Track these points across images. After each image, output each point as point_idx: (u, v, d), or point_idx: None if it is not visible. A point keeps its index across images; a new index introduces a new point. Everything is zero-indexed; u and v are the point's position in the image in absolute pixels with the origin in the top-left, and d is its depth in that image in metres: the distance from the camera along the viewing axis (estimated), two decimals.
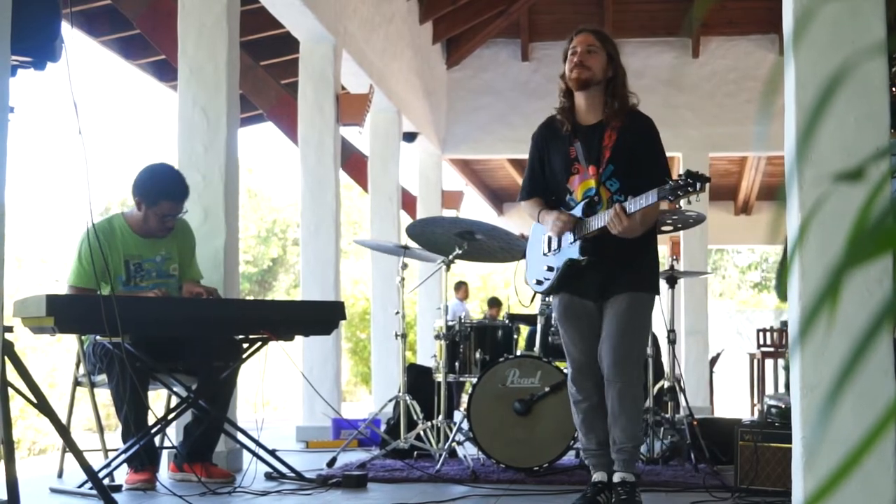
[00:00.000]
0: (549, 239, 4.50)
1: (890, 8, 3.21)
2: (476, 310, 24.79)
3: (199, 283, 5.42)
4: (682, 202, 4.21)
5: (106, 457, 5.02)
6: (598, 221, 4.25)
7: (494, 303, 15.75)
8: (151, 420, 5.02)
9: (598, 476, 4.40)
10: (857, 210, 0.75)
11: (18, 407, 11.74)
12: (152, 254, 5.24)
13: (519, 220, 17.69)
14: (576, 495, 4.44)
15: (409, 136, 11.54)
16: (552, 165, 4.45)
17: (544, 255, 4.52)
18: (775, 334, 12.89)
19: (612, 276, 4.33)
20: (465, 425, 5.60)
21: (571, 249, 4.36)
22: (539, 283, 4.56)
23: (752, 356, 13.28)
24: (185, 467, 5.16)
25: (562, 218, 4.34)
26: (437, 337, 5.96)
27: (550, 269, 4.47)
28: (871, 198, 0.77)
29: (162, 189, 5.21)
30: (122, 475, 4.96)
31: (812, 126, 0.78)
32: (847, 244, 0.72)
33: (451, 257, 5.77)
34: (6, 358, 3.89)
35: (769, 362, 12.90)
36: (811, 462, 3.08)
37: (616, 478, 4.33)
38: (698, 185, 4.06)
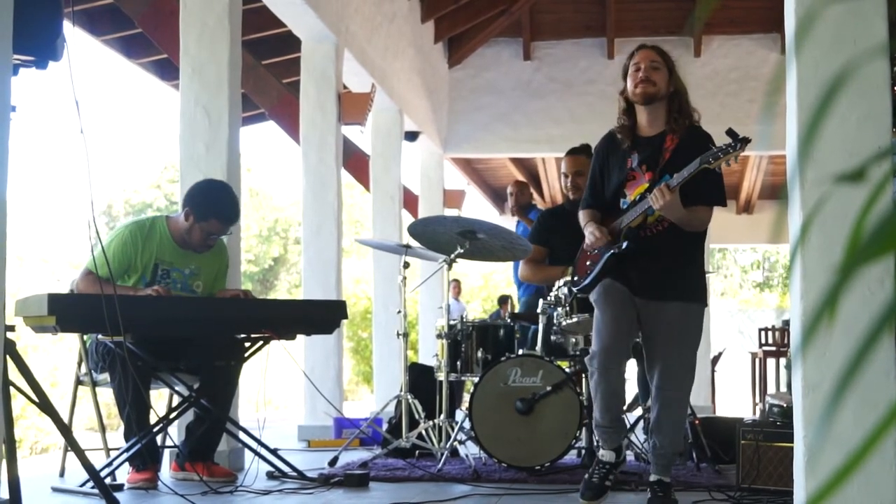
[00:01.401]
0: None
1: (891, 7, 3.21)
2: (477, 309, 24.76)
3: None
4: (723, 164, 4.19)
5: (108, 456, 5.02)
6: (638, 208, 4.27)
7: (505, 300, 15.77)
8: (153, 419, 5.03)
9: (606, 455, 4.39)
10: (858, 210, 0.75)
11: (20, 406, 11.75)
12: (183, 265, 5.24)
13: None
14: (577, 495, 4.45)
15: (411, 136, 11.54)
16: (611, 178, 4.48)
17: (587, 253, 4.54)
18: (777, 333, 12.89)
19: (657, 276, 4.33)
20: (467, 424, 5.60)
21: (611, 246, 4.37)
22: (577, 282, 4.58)
23: (753, 355, 13.29)
24: (186, 466, 5.16)
25: (596, 233, 4.37)
26: (439, 336, 5.96)
27: (592, 264, 4.48)
28: (872, 198, 0.77)
29: (216, 208, 5.20)
30: (124, 474, 4.96)
31: (814, 127, 0.78)
32: (849, 246, 0.72)
33: (452, 256, 5.77)
34: (8, 357, 3.89)
35: (771, 361, 12.90)
36: (813, 462, 3.08)
37: (652, 478, 4.39)
38: (738, 145, 4.08)
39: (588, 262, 4.52)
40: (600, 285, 4.45)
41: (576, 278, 4.64)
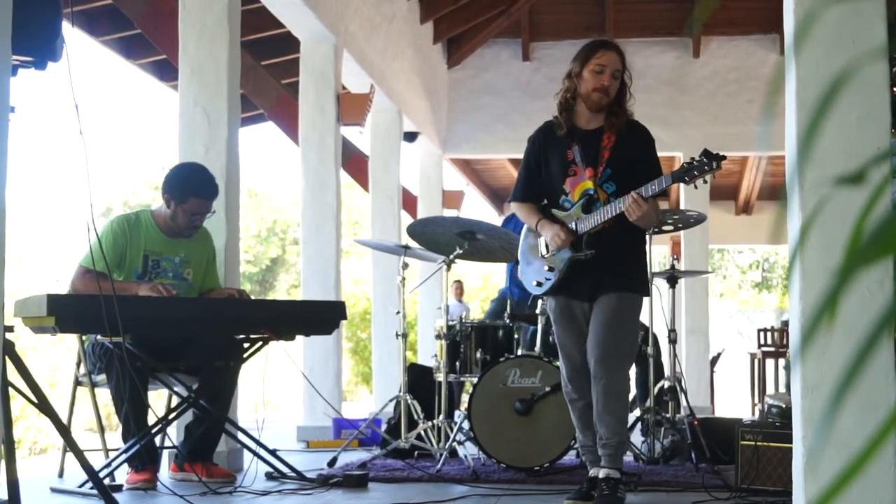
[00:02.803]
0: (541, 241, 4.54)
1: (891, 8, 3.21)
2: (476, 310, 24.76)
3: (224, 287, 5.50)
4: (698, 182, 4.22)
5: (107, 456, 5.02)
6: (599, 216, 4.29)
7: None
8: (152, 419, 5.03)
9: (594, 472, 4.46)
10: (858, 212, 0.75)
11: (19, 407, 11.75)
12: (172, 253, 5.27)
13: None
14: None
15: (410, 136, 11.54)
16: (549, 168, 4.49)
17: (542, 256, 4.54)
18: (776, 334, 12.89)
19: (603, 277, 4.37)
20: (466, 425, 5.60)
21: (568, 249, 4.40)
22: (539, 284, 4.58)
23: (752, 356, 13.28)
24: (185, 467, 5.16)
25: (561, 235, 4.38)
26: (438, 337, 5.95)
27: (551, 269, 4.49)
28: (871, 200, 0.76)
29: (192, 186, 5.24)
30: (123, 475, 4.96)
31: (814, 129, 0.78)
32: (848, 247, 0.72)
33: (451, 257, 5.77)
34: (7, 358, 3.89)
35: (770, 362, 12.90)
36: (812, 463, 3.08)
37: (601, 473, 4.37)
38: (714, 164, 4.09)
39: (546, 267, 4.52)
40: (556, 303, 4.51)
41: (535, 282, 4.61)
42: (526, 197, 4.58)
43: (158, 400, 5.65)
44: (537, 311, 5.92)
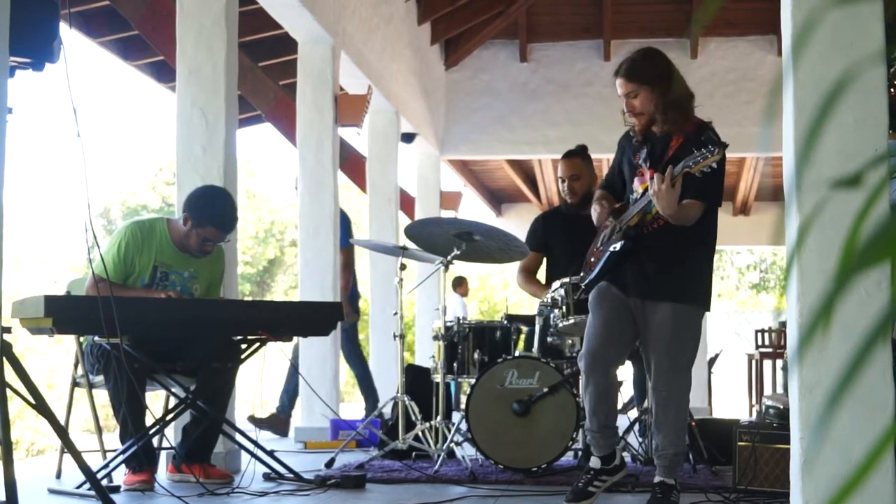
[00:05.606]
0: (603, 236, 4.55)
1: (888, 9, 3.22)
2: (474, 311, 24.76)
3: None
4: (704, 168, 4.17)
5: (104, 458, 5.01)
6: (638, 206, 4.30)
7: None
8: (150, 421, 5.02)
9: (592, 461, 4.46)
10: (855, 213, 0.75)
11: (17, 408, 11.74)
12: (182, 268, 5.24)
13: (517, 220, 17.67)
14: None
15: (408, 137, 11.54)
16: (622, 170, 4.53)
17: (594, 249, 4.58)
18: (774, 335, 12.89)
19: (650, 276, 4.33)
20: (464, 426, 5.59)
21: (612, 242, 4.40)
22: (583, 277, 4.62)
23: (750, 357, 13.29)
24: (183, 468, 5.16)
25: (597, 207, 4.45)
26: (436, 338, 5.95)
27: (595, 263, 4.51)
28: (868, 203, 0.77)
29: (213, 215, 5.19)
30: (121, 476, 4.96)
31: (814, 134, 0.78)
32: (844, 250, 0.72)
33: (449, 258, 5.77)
34: (5, 359, 3.88)
35: (767, 363, 12.90)
36: (810, 464, 3.08)
37: (656, 479, 4.39)
38: (715, 150, 4.07)
39: (593, 259, 4.55)
40: (596, 288, 4.50)
41: (582, 275, 4.67)
42: (602, 188, 4.65)
43: (156, 401, 5.65)
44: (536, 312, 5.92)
